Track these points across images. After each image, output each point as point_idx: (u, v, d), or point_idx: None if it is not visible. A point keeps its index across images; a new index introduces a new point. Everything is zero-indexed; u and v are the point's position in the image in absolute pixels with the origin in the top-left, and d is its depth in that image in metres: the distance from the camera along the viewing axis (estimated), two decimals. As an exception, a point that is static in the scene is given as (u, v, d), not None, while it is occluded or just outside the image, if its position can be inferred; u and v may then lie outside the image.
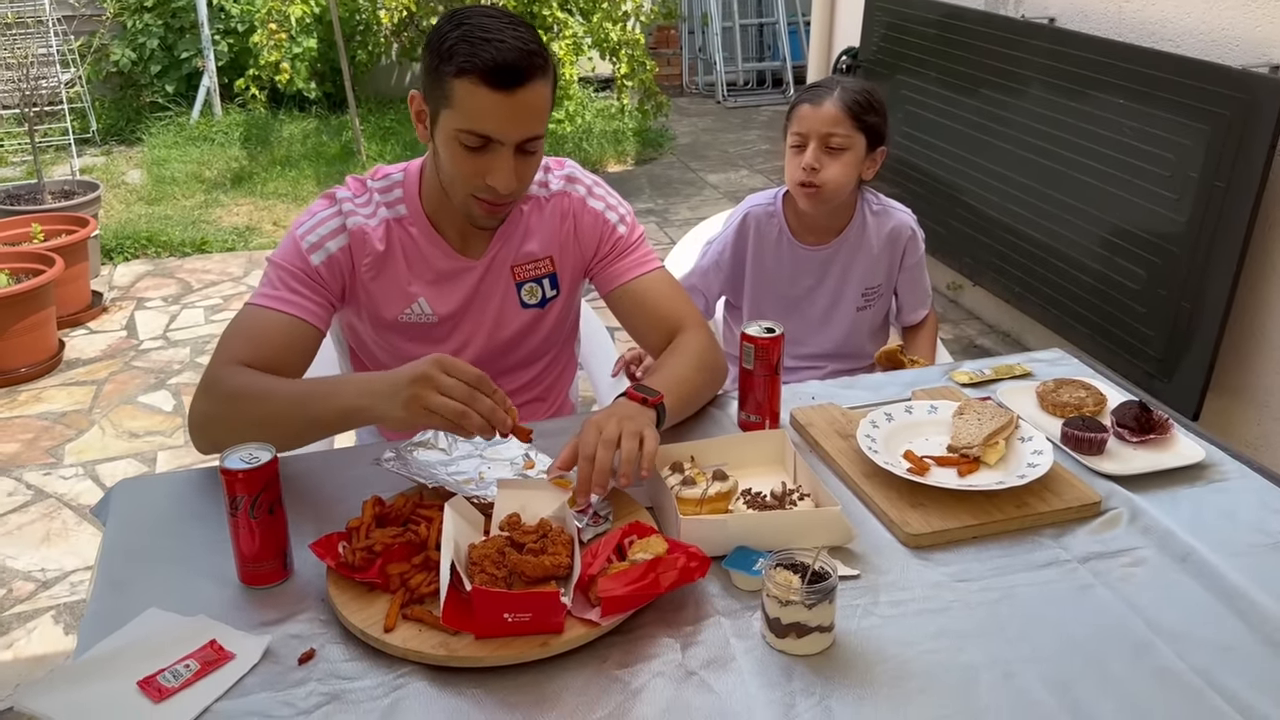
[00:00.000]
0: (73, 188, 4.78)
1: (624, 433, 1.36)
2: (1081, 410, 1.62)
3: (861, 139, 2.00)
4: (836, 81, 2.04)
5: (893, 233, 2.13)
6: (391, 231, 1.65)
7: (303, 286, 1.58)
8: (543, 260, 1.74)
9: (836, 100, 1.98)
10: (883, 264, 2.14)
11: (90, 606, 1.25)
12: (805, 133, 2.00)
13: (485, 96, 1.44)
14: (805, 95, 2.04)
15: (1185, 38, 3.05)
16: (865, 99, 2.00)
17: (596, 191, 1.77)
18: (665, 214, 5.58)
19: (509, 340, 1.75)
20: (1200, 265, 2.84)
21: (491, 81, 1.43)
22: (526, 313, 1.74)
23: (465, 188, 1.54)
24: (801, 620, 1.14)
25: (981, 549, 1.34)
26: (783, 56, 8.17)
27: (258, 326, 1.54)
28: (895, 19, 4.38)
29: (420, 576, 1.20)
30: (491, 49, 1.43)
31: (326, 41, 6.61)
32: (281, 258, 1.60)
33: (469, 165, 1.51)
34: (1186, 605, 1.24)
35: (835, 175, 1.99)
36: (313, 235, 1.61)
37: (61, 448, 3.28)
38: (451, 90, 1.46)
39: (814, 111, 2.00)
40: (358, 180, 1.68)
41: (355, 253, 1.63)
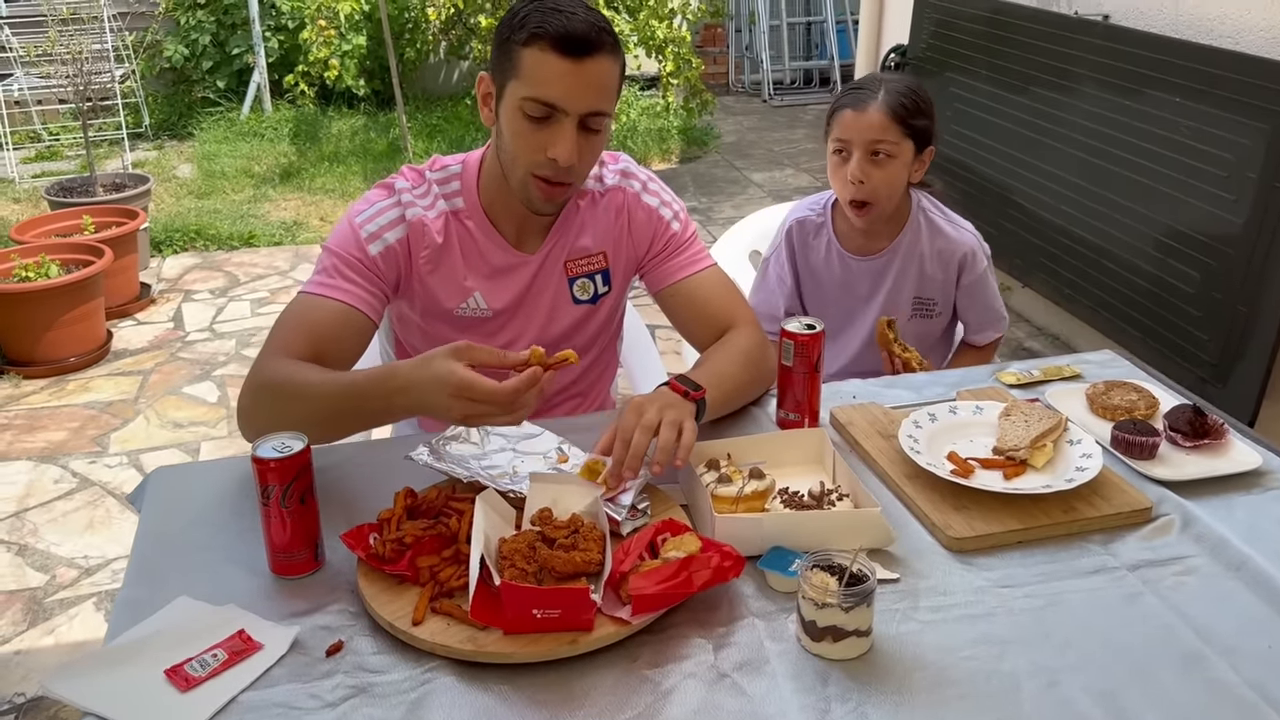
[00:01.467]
0: (124, 181, 4.84)
1: (664, 420, 1.36)
2: (1133, 413, 1.57)
3: (909, 144, 1.89)
4: (880, 81, 1.91)
5: (946, 252, 2.01)
6: (449, 224, 1.63)
7: (358, 275, 1.56)
8: (596, 256, 1.71)
9: (881, 104, 1.86)
10: (938, 280, 2.03)
11: (122, 593, 1.26)
12: (848, 140, 1.89)
13: (553, 63, 1.44)
14: (846, 98, 1.91)
15: (1245, 34, 2.96)
16: (912, 100, 1.88)
17: (651, 187, 1.75)
18: (709, 212, 5.54)
19: (559, 336, 1.72)
20: (1258, 268, 2.76)
21: (560, 48, 1.43)
22: (578, 309, 1.72)
23: (526, 164, 1.52)
24: (838, 624, 1.11)
25: (1026, 554, 1.30)
26: (830, 55, 8.10)
27: (310, 314, 1.53)
28: (945, 16, 4.31)
29: (450, 570, 1.19)
30: (563, 18, 1.43)
31: (375, 39, 6.65)
32: (338, 245, 1.58)
33: (532, 138, 1.49)
34: (1240, 616, 1.19)
35: (884, 186, 1.89)
36: (371, 225, 1.58)
37: (107, 436, 3.32)
38: (520, 59, 1.46)
39: (857, 118, 1.88)
40: (415, 171, 1.66)
41: (414, 244, 1.60)
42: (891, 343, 1.93)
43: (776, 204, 5.95)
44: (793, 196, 5.69)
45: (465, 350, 1.26)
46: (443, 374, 1.24)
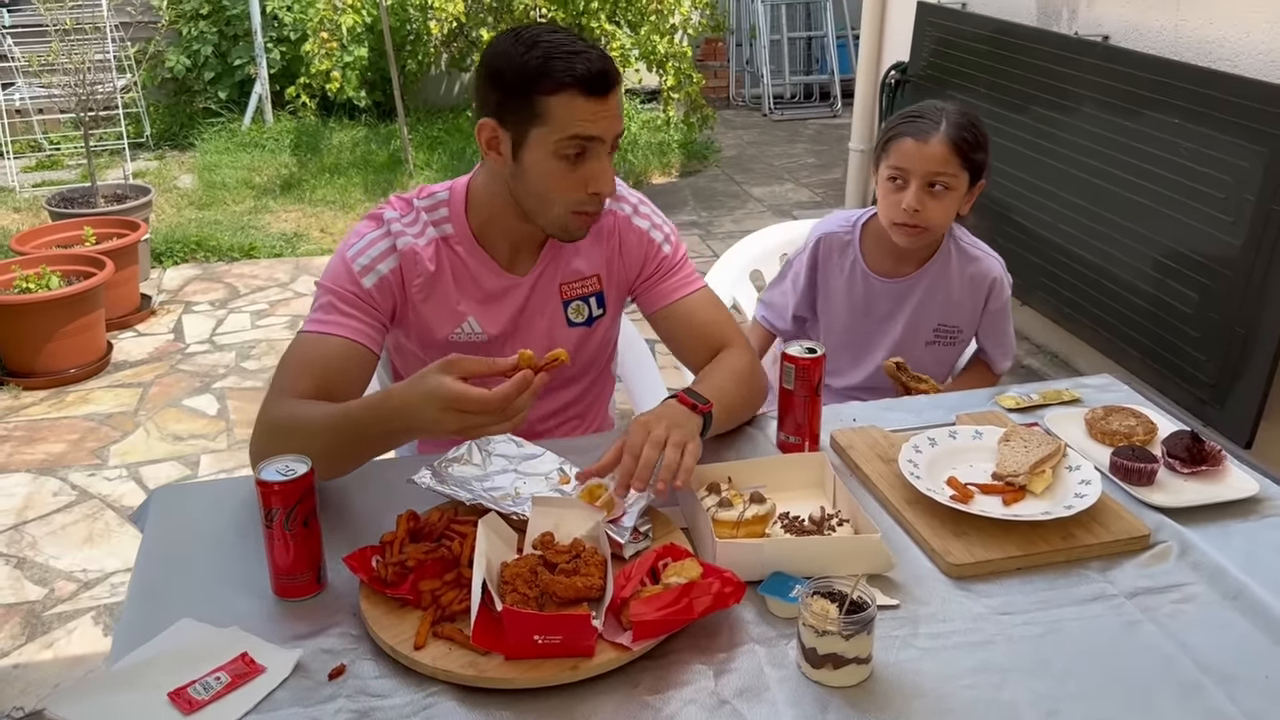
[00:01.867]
0: (125, 191, 4.86)
1: (670, 440, 1.37)
2: (1131, 439, 1.58)
3: (966, 177, 1.87)
4: (941, 112, 1.87)
5: (977, 276, 2.01)
6: (440, 251, 1.64)
7: (355, 310, 1.56)
8: (590, 279, 1.73)
9: (944, 137, 1.83)
10: (965, 308, 2.03)
11: (124, 615, 1.26)
12: (907, 169, 1.86)
13: (587, 106, 1.48)
14: (906, 126, 1.88)
15: (1244, 57, 2.98)
16: (973, 135, 1.86)
17: (642, 210, 1.77)
18: (709, 226, 5.56)
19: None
20: (1256, 290, 2.77)
21: (590, 90, 1.47)
22: (573, 331, 1.73)
23: (565, 203, 1.54)
24: (838, 651, 1.12)
25: (1026, 581, 1.31)
26: (831, 70, 8.14)
27: (312, 353, 1.53)
28: (945, 34, 4.33)
29: (452, 594, 1.19)
30: (583, 61, 1.46)
31: (377, 50, 6.67)
32: (332, 281, 1.58)
33: (570, 177, 1.52)
34: (1238, 645, 1.19)
35: (939, 217, 1.88)
36: (363, 258, 1.59)
37: (106, 449, 3.32)
38: (546, 108, 1.47)
39: (919, 148, 1.84)
40: (402, 200, 1.67)
41: (406, 274, 1.62)
42: (904, 381, 1.93)
43: (776, 219, 5.97)
44: (793, 211, 5.71)
45: (454, 363, 1.26)
46: (434, 389, 1.24)
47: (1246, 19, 2.97)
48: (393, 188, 5.91)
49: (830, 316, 2.07)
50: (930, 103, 1.91)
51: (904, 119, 1.90)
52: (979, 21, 4.12)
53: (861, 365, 2.05)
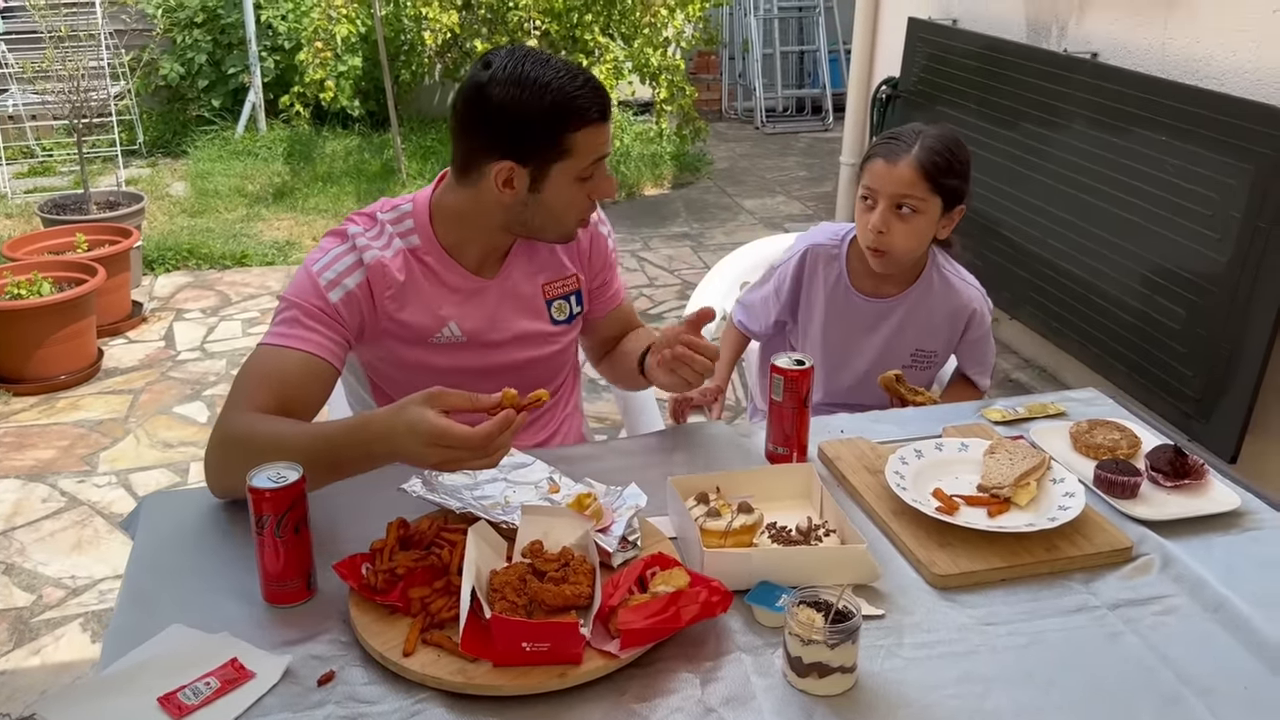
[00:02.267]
0: (118, 198, 4.86)
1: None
2: (1115, 452, 1.59)
3: (937, 201, 1.87)
4: (918, 134, 1.87)
5: (959, 308, 2.02)
6: (409, 261, 1.65)
7: (318, 324, 1.55)
8: (571, 277, 1.79)
9: (913, 160, 1.84)
10: (942, 334, 2.04)
11: (114, 620, 1.26)
12: (876, 190, 1.87)
13: (601, 130, 1.57)
14: (881, 147, 1.90)
15: (1230, 76, 3.02)
16: (946, 159, 1.85)
17: (602, 215, 1.84)
18: (700, 238, 5.58)
19: (538, 358, 1.77)
20: (1241, 306, 2.80)
21: (604, 116, 1.57)
22: (558, 329, 1.79)
23: (577, 217, 1.65)
24: (823, 660, 1.13)
25: (1010, 592, 1.32)
26: (823, 84, 8.18)
27: (271, 365, 1.51)
28: (936, 50, 4.37)
29: (441, 601, 1.20)
30: (591, 91, 1.54)
31: (371, 60, 6.70)
32: (296, 295, 1.57)
33: (581, 194, 1.61)
34: (1219, 657, 1.21)
35: (904, 241, 1.88)
36: (329, 272, 1.59)
37: (96, 455, 3.32)
38: (573, 143, 1.55)
39: (888, 169, 1.85)
40: (365, 215, 1.68)
41: (375, 287, 1.61)
42: (902, 394, 1.93)
43: (768, 231, 5.99)
44: (784, 224, 5.74)
45: (437, 397, 1.26)
46: (416, 421, 1.25)
47: (1232, 38, 3.01)
48: (386, 196, 5.92)
49: (809, 328, 2.08)
50: (912, 125, 1.92)
51: (882, 140, 1.92)
52: (969, 38, 4.16)
53: (837, 380, 2.07)
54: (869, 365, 2.04)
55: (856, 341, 2.05)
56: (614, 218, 1.81)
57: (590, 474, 1.51)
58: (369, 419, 1.34)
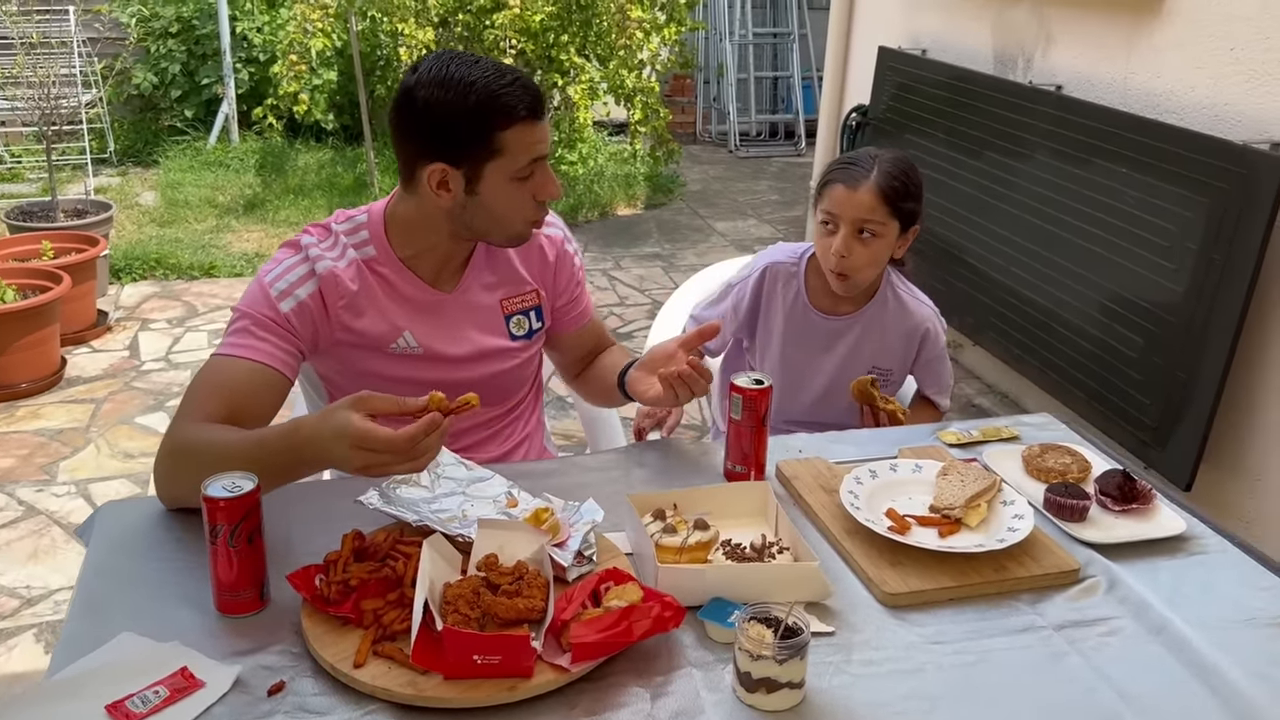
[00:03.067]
0: (86, 207, 4.83)
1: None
2: (1065, 476, 1.62)
3: (896, 224, 1.91)
4: (874, 159, 1.91)
5: (912, 327, 2.05)
6: (362, 272, 1.65)
7: (270, 334, 1.55)
8: (530, 292, 1.80)
9: (873, 185, 1.88)
10: (898, 353, 2.07)
11: (66, 628, 1.26)
12: (837, 215, 1.90)
13: (534, 130, 1.56)
14: (839, 173, 1.92)
15: (1189, 111, 3.09)
16: (903, 184, 1.90)
17: (569, 234, 1.87)
18: (671, 259, 5.61)
19: (501, 373, 1.78)
20: (1197, 337, 2.85)
21: (534, 114, 1.56)
22: (516, 344, 1.79)
23: (523, 219, 1.64)
24: (772, 675, 1.14)
25: (958, 611, 1.34)
26: (795, 110, 8.27)
27: (222, 376, 1.52)
28: (905, 79, 4.43)
29: (394, 613, 1.21)
30: (520, 89, 1.54)
31: (346, 74, 6.70)
32: (249, 305, 1.58)
33: (522, 195, 1.60)
34: (1159, 678, 1.23)
35: (866, 263, 1.93)
36: (281, 283, 1.59)
37: (56, 465, 3.29)
38: (503, 142, 1.55)
39: (848, 195, 1.89)
40: (319, 226, 1.69)
41: (327, 297, 1.61)
42: (875, 398, 1.95)
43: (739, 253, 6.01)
44: (755, 246, 5.77)
45: (363, 400, 1.26)
46: (341, 425, 1.24)
47: (1190, 75, 3.08)
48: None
49: (768, 347, 2.10)
50: (867, 150, 1.97)
51: (839, 165, 1.96)
52: (937, 68, 4.23)
53: (795, 399, 2.08)
54: (828, 382, 2.07)
55: (815, 359, 2.07)
56: (586, 237, 1.83)
57: (549, 489, 1.52)
58: (299, 423, 1.34)
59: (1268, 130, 2.81)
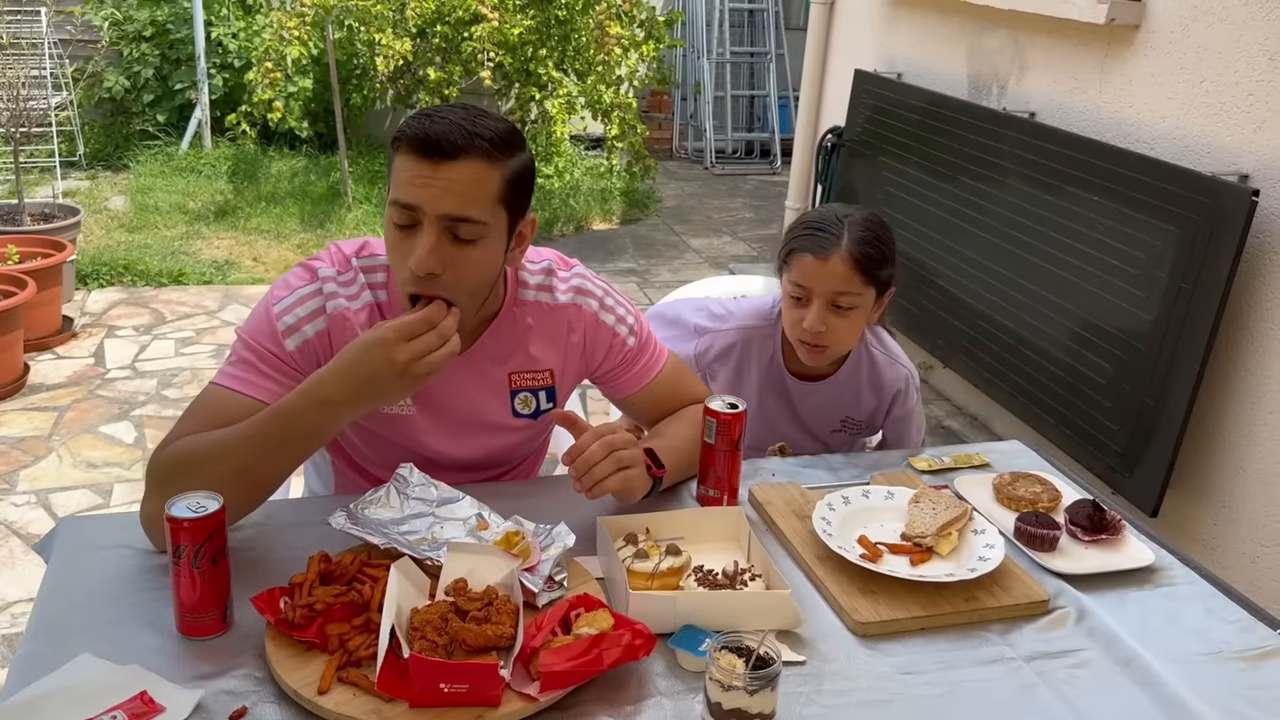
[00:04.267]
0: (53, 211, 4.76)
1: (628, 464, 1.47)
2: (1036, 506, 1.63)
3: (871, 293, 1.81)
4: (842, 222, 1.79)
5: (886, 385, 1.98)
6: (374, 318, 1.55)
7: (271, 369, 1.48)
8: (544, 372, 1.66)
9: (846, 255, 1.75)
10: (870, 407, 2.01)
11: (22, 648, 1.23)
12: (809, 288, 1.78)
13: (414, 166, 1.38)
14: (807, 241, 1.79)
15: (1159, 141, 3.13)
16: (877, 248, 1.78)
17: (608, 303, 1.68)
18: (646, 274, 5.61)
19: (498, 449, 1.70)
20: (1165, 364, 2.88)
21: (419, 150, 1.38)
22: (518, 422, 1.67)
23: (400, 277, 1.44)
24: (742, 706, 1.13)
25: (929, 641, 1.34)
26: (772, 128, 8.31)
27: (218, 407, 1.44)
28: (880, 101, 4.46)
29: (360, 639, 1.19)
30: (428, 122, 1.38)
31: (322, 82, 6.66)
32: (252, 336, 1.50)
33: (400, 250, 1.42)
34: (1126, 711, 1.24)
35: (844, 335, 1.83)
36: (290, 316, 1.50)
37: (16, 474, 3.23)
38: (394, 164, 1.42)
39: (819, 266, 1.76)
40: (342, 255, 1.57)
41: (335, 338, 1.52)
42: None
43: (713, 271, 6.00)
44: (729, 264, 5.79)
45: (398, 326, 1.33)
46: (374, 335, 1.32)
47: (1161, 104, 3.12)
48: (330, 220, 5.88)
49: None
50: (833, 209, 1.84)
51: (806, 229, 1.82)
52: (912, 92, 4.26)
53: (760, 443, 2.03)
54: (797, 432, 2.02)
55: (787, 414, 2.01)
56: (563, 251, 1.75)
57: (520, 512, 1.50)
58: (319, 374, 1.36)
59: (1235, 162, 2.85)
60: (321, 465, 1.80)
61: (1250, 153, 2.81)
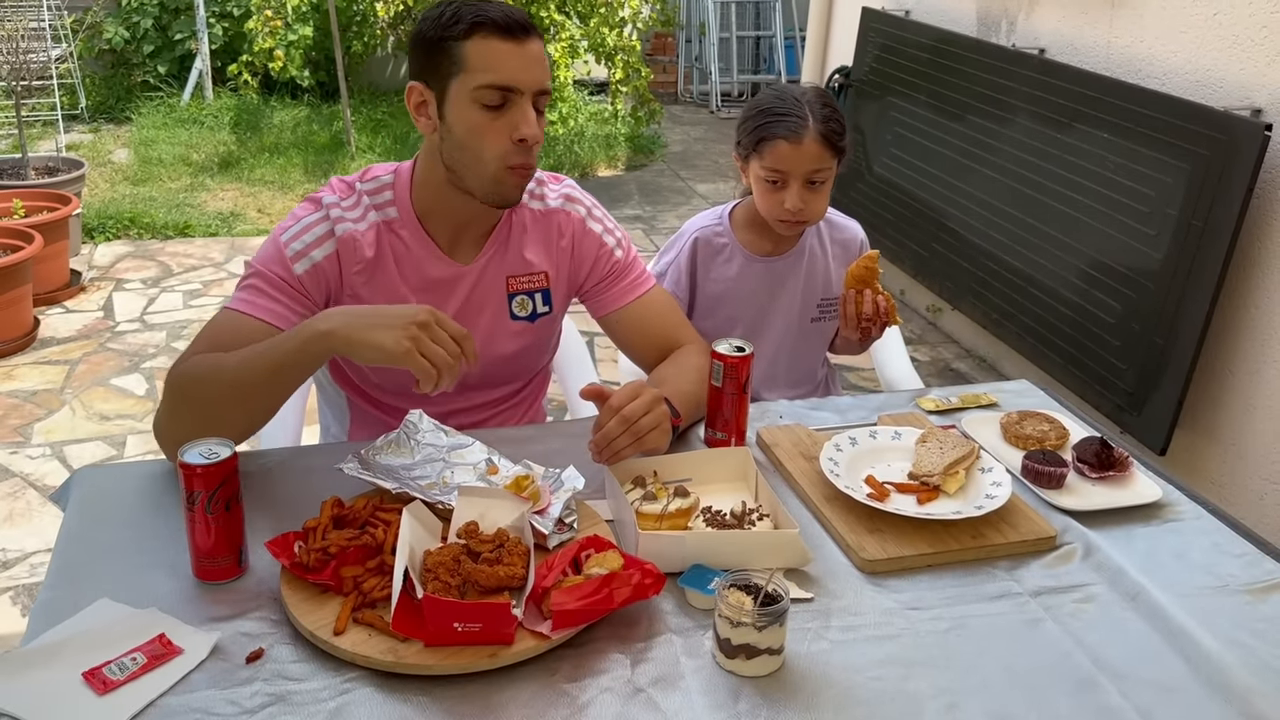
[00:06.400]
0: (57, 164, 4.75)
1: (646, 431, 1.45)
2: (1043, 444, 1.63)
3: (836, 162, 1.91)
4: (804, 106, 1.86)
5: (846, 242, 2.08)
6: (382, 236, 1.61)
7: (281, 294, 1.54)
8: (539, 274, 1.72)
9: (816, 135, 1.84)
10: (837, 275, 2.05)
11: (42, 594, 1.25)
12: (785, 172, 1.86)
13: (501, 48, 1.48)
14: (779, 128, 1.86)
15: (1171, 76, 3.08)
16: (838, 123, 1.88)
17: (595, 214, 1.77)
18: (652, 221, 5.59)
19: (499, 357, 1.72)
20: (1174, 302, 2.87)
21: (504, 33, 1.48)
22: (515, 324, 1.72)
23: (494, 155, 1.52)
24: (751, 642, 1.15)
25: (936, 578, 1.35)
26: (778, 70, 8.21)
27: (229, 330, 1.50)
28: (889, 40, 4.40)
29: (374, 580, 1.20)
30: (496, 7, 1.49)
31: (322, 30, 6.59)
32: (262, 263, 1.56)
33: (493, 128, 1.50)
34: (1132, 644, 1.25)
35: (819, 206, 1.92)
36: (297, 242, 1.56)
37: (30, 427, 3.25)
38: (464, 54, 1.48)
39: (795, 150, 1.84)
40: (344, 182, 1.64)
41: (344, 260, 1.59)
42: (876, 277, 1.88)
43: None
44: (735, 209, 5.76)
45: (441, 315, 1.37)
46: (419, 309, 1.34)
47: (1174, 39, 3.07)
48: (334, 169, 5.85)
49: (716, 311, 2.05)
50: (789, 93, 1.90)
51: (772, 116, 1.88)
52: (921, 30, 4.20)
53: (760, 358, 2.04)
54: (785, 326, 2.05)
55: (766, 308, 2.05)
56: None
57: (530, 456, 1.51)
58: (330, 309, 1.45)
59: (1248, 96, 2.81)
60: (335, 399, 1.82)
61: (1263, 86, 2.77)
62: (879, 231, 4.33)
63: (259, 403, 1.45)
